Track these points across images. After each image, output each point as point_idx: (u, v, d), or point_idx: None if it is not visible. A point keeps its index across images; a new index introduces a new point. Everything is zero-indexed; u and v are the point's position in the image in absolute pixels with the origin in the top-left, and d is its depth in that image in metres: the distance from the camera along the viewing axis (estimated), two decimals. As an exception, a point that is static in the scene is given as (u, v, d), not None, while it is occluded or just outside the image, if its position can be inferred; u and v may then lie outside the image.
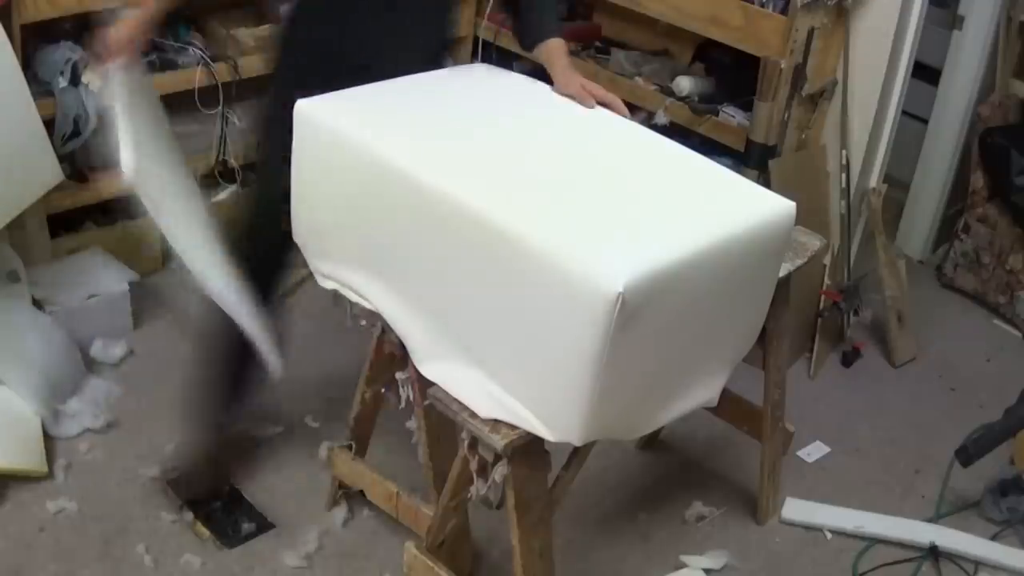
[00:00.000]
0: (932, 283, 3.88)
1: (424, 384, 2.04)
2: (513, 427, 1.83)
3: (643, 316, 1.70)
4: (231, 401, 2.52)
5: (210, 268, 2.23)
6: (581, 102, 2.22)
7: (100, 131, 2.40)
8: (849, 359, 3.36)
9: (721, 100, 3.29)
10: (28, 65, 2.93)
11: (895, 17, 3.08)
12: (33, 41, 2.98)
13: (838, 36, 3.12)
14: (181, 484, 2.55)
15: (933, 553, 2.62)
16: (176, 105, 3.31)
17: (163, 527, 2.48)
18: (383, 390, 2.34)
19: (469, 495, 1.98)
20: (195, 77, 3.22)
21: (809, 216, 3.03)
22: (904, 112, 3.41)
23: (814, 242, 2.45)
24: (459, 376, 1.90)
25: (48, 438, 2.67)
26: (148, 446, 2.71)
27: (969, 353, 3.51)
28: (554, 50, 2.30)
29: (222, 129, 3.32)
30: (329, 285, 2.18)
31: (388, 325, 2.11)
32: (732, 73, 3.32)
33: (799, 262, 2.36)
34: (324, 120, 2.04)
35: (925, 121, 3.92)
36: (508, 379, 1.84)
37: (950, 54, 3.76)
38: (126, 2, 2.17)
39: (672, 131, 3.01)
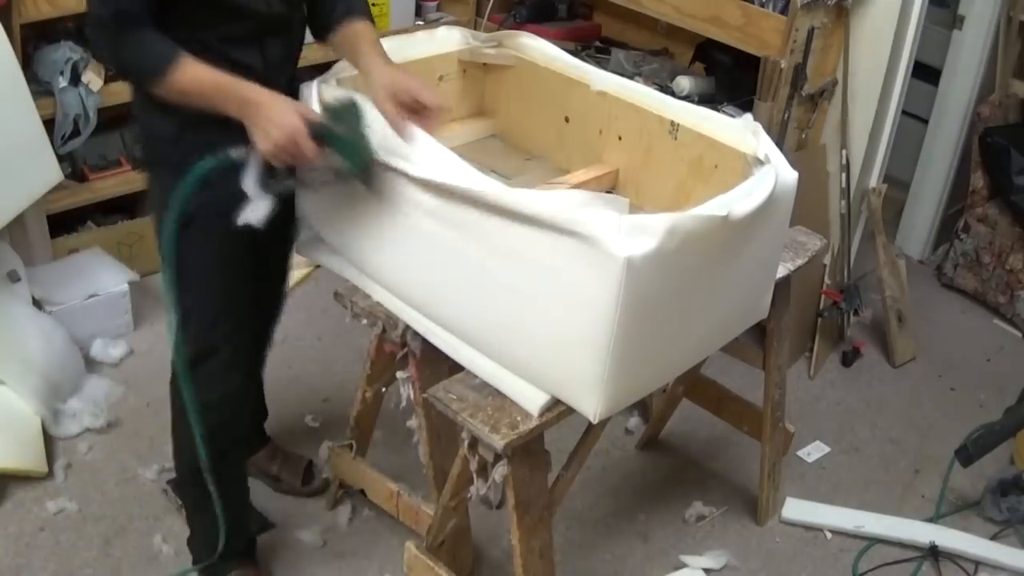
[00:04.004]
0: (932, 283, 3.88)
1: (424, 383, 2.04)
2: (513, 427, 1.83)
3: (651, 279, 1.71)
4: None
5: None
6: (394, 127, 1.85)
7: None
8: (849, 359, 3.36)
9: (721, 100, 3.28)
10: (28, 65, 2.93)
11: (895, 17, 3.08)
12: (33, 41, 2.98)
13: (838, 36, 3.12)
14: None
15: (933, 553, 2.62)
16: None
17: (163, 527, 2.48)
18: (383, 389, 2.34)
19: (469, 495, 1.98)
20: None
21: (809, 216, 3.03)
22: (904, 112, 3.41)
23: (814, 242, 2.45)
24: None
25: (48, 438, 2.68)
26: (148, 446, 2.71)
27: (969, 353, 3.51)
28: (362, 35, 1.96)
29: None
30: (335, 267, 2.19)
31: (388, 324, 2.11)
32: (732, 73, 3.32)
33: (799, 262, 2.36)
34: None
35: (925, 121, 3.92)
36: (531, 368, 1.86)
37: (950, 54, 3.76)
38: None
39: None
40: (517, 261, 1.78)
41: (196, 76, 1.77)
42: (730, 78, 3.33)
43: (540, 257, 1.75)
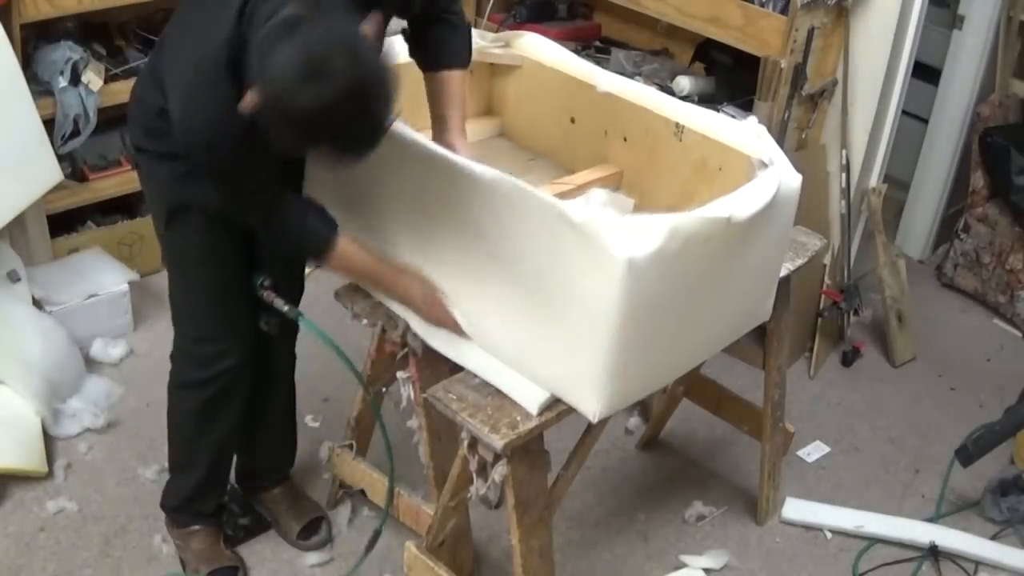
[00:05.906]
0: (932, 283, 3.88)
1: (424, 383, 2.04)
2: (513, 427, 1.83)
3: (652, 280, 1.71)
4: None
5: None
6: None
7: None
8: (849, 359, 3.36)
9: (721, 100, 3.28)
10: (28, 65, 2.93)
11: (895, 17, 3.08)
12: (33, 41, 2.98)
13: (838, 36, 3.12)
14: None
15: (933, 553, 2.62)
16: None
17: (163, 527, 2.48)
18: (383, 389, 2.34)
19: (469, 495, 1.98)
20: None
21: (809, 216, 3.03)
22: (904, 112, 3.40)
23: (814, 242, 2.45)
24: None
25: (48, 438, 2.67)
26: (148, 446, 2.71)
27: (969, 353, 3.51)
28: (450, 87, 2.09)
29: (222, 129, 3.31)
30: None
31: (388, 324, 2.11)
32: (732, 73, 3.32)
33: (799, 262, 2.36)
34: None
35: (925, 121, 3.92)
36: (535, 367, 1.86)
37: (950, 54, 3.76)
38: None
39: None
40: (520, 259, 1.78)
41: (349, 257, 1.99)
42: (730, 78, 3.33)
43: (542, 256, 1.75)
